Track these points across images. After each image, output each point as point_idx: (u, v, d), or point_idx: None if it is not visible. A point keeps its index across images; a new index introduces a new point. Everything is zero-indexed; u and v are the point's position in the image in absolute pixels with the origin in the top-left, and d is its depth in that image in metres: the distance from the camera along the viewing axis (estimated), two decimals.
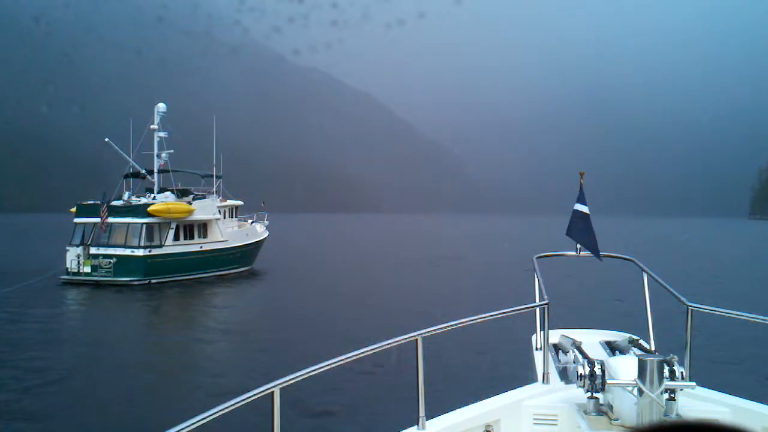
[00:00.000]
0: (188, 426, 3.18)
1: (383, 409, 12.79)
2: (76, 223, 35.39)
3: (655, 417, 4.06)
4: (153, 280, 33.99)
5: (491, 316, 5.31)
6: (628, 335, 6.32)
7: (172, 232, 35.60)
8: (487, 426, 4.78)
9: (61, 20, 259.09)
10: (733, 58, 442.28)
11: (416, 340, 4.57)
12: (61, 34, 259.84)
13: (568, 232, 6.59)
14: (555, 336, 6.18)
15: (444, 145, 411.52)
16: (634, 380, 4.11)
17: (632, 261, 6.71)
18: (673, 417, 4.16)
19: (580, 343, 6.04)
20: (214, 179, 41.67)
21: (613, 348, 5.98)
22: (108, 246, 34.03)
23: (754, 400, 4.91)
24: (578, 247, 6.60)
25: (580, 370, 4.39)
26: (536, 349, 6.01)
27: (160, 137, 38.45)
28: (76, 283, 33.52)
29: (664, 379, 4.11)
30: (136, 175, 38.72)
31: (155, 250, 34.58)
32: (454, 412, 4.83)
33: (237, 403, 3.47)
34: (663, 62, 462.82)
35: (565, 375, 5.47)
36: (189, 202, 37.17)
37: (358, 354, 4.24)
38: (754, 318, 5.54)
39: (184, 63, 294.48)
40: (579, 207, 6.56)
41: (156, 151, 38.44)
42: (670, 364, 4.24)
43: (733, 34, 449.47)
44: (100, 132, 37.86)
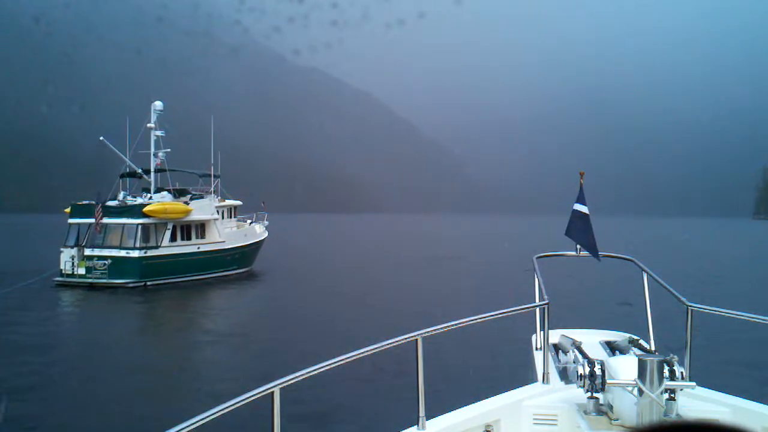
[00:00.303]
0: (188, 426, 3.18)
1: (383, 409, 12.79)
2: (70, 224, 34.89)
3: (655, 417, 4.06)
4: (149, 282, 33.40)
5: (491, 316, 5.32)
6: (628, 335, 6.33)
7: (168, 233, 35.06)
8: (487, 426, 4.78)
9: (61, 20, 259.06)
10: (733, 57, 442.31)
11: (416, 340, 4.57)
12: (61, 34, 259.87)
13: (568, 232, 6.59)
14: (555, 336, 6.18)
15: (444, 145, 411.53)
16: (634, 380, 4.12)
17: (632, 261, 6.72)
18: (673, 417, 4.16)
19: (580, 343, 6.05)
20: (212, 179, 41.23)
21: (613, 348, 5.99)
22: (103, 247, 33.49)
23: (754, 400, 4.92)
24: (578, 247, 6.61)
25: (580, 370, 4.39)
26: (536, 349, 6.01)
27: (157, 136, 37.99)
28: (70, 285, 32.97)
29: (664, 379, 4.11)
30: (133, 175, 38.20)
31: (151, 252, 34.02)
32: (454, 412, 4.83)
33: (237, 403, 3.48)
34: (663, 62, 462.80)
35: (565, 375, 5.47)
36: (186, 202, 36.67)
37: (358, 354, 4.25)
38: (754, 318, 5.55)
39: (184, 63, 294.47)
40: (578, 207, 6.56)
41: (153, 150, 37.98)
42: (670, 364, 4.25)
43: (734, 34, 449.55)
44: (101, 132, 37.59)
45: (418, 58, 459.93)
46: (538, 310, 5.97)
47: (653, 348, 5.96)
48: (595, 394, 4.44)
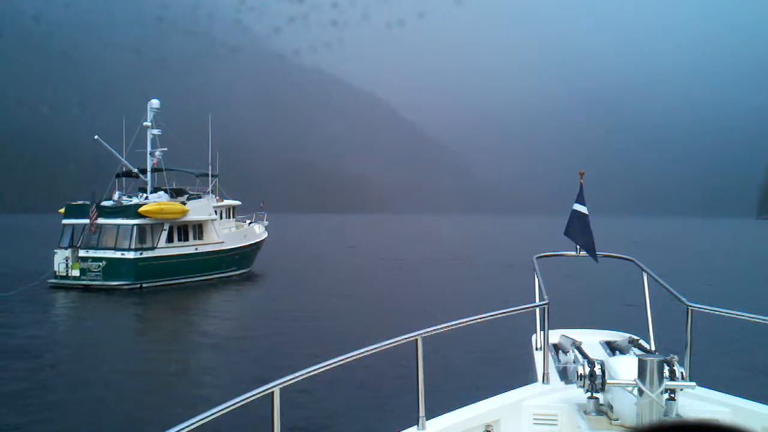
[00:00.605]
0: (188, 426, 3.19)
1: (383, 409, 12.79)
2: (64, 225, 34.33)
3: (655, 417, 4.07)
4: (144, 284, 32.82)
5: (491, 316, 5.33)
6: (628, 335, 6.34)
7: (165, 234, 34.46)
8: (487, 426, 4.79)
9: (61, 20, 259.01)
10: (736, 56, 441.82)
11: (416, 340, 4.58)
12: (61, 34, 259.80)
13: (567, 233, 6.60)
14: (555, 336, 6.19)
15: (447, 145, 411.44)
16: (634, 380, 4.13)
17: (632, 261, 6.72)
18: (673, 417, 4.17)
19: (580, 343, 6.06)
20: (210, 178, 40.61)
21: (613, 348, 6.00)
22: (98, 248, 32.84)
23: (754, 400, 4.92)
24: (578, 247, 6.62)
25: (580, 370, 4.40)
26: (536, 349, 6.02)
27: (154, 134, 37.39)
28: (64, 287, 32.37)
29: (664, 379, 4.12)
30: (129, 174, 37.66)
31: (147, 253, 33.43)
32: (454, 412, 4.84)
33: (237, 403, 3.49)
34: (664, 61, 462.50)
35: (565, 375, 5.48)
36: (183, 202, 36.12)
37: (358, 354, 4.26)
38: (754, 318, 5.56)
39: (184, 63, 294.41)
40: (578, 207, 6.58)
41: (149, 149, 37.35)
42: (670, 364, 4.26)
43: (735, 32, 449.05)
44: (99, 131, 37.22)
45: (419, 58, 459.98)
46: (538, 310, 5.98)
47: (653, 348, 5.96)
48: (595, 394, 4.45)
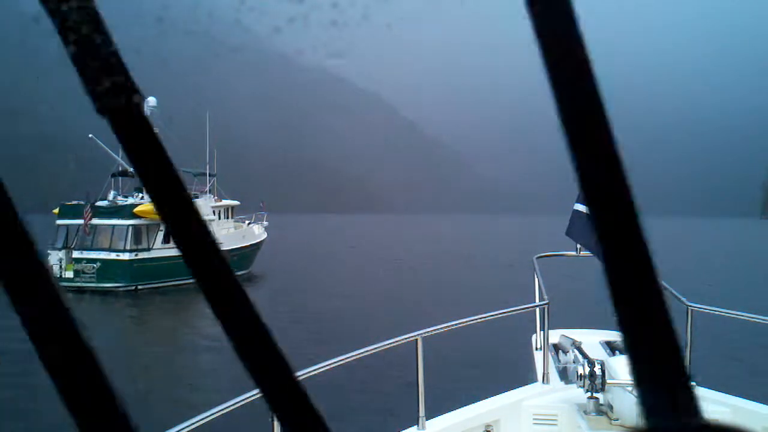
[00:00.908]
0: (188, 426, 3.19)
1: (383, 409, 12.79)
2: (58, 225, 33.77)
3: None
4: (140, 286, 32.34)
5: (491, 316, 5.34)
6: None
7: (161, 235, 33.84)
8: (487, 426, 4.80)
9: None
10: (736, 55, 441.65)
11: (416, 340, 4.58)
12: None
13: (568, 232, 6.61)
14: (555, 336, 6.20)
15: (449, 144, 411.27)
16: None
17: None
18: None
19: (580, 343, 6.06)
20: (207, 178, 40.11)
21: (613, 348, 6.00)
22: (92, 249, 32.32)
23: (754, 400, 4.92)
24: (578, 247, 6.63)
25: (580, 370, 4.41)
26: (536, 349, 6.03)
27: None
28: None
29: None
30: (125, 174, 37.10)
31: (142, 254, 32.98)
32: (454, 412, 4.85)
33: (237, 403, 3.49)
34: (666, 60, 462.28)
35: (565, 375, 5.49)
36: None
37: (358, 354, 4.26)
38: (754, 318, 5.57)
39: (184, 63, 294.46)
40: (579, 207, 6.59)
41: None
42: None
43: (737, 32, 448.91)
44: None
45: (419, 58, 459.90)
46: (538, 310, 5.99)
47: None
48: (595, 394, 4.45)
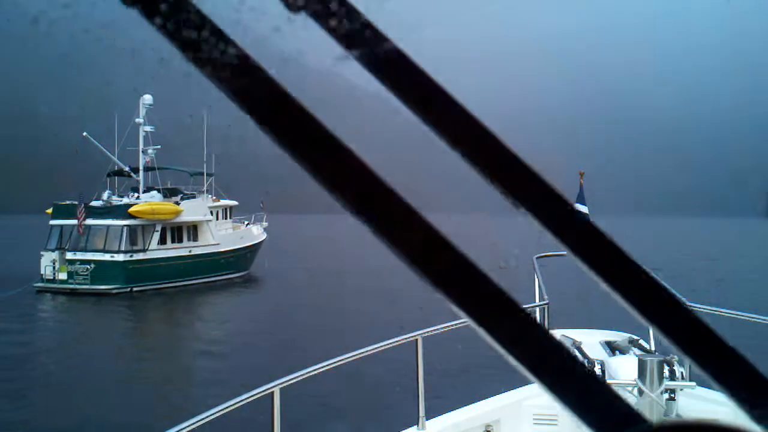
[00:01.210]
0: (188, 426, 3.19)
1: (383, 409, 12.78)
2: (52, 226, 33.20)
3: (655, 417, 4.06)
4: (135, 289, 31.69)
5: None
6: (628, 335, 6.34)
7: (157, 235, 33.36)
8: (487, 426, 4.80)
9: (60, 21, 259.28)
10: (741, 54, 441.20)
11: (416, 340, 4.58)
12: (61, 35, 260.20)
13: None
14: (555, 336, 6.18)
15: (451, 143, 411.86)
16: (634, 380, 4.13)
17: None
18: (673, 417, 4.16)
19: (580, 343, 6.05)
20: (205, 177, 39.22)
21: (613, 348, 6.00)
22: (86, 251, 31.61)
23: None
24: None
25: None
26: None
27: (146, 132, 36.07)
28: (50, 291, 31.15)
29: (664, 379, 4.11)
30: (120, 173, 36.51)
31: (137, 255, 32.31)
32: (454, 412, 4.85)
33: (237, 403, 3.49)
34: (669, 59, 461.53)
35: None
36: (177, 202, 34.91)
37: (358, 354, 4.26)
38: (754, 318, 5.57)
39: (184, 63, 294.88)
40: (579, 207, 6.59)
41: (141, 147, 36.02)
42: (670, 364, 4.26)
43: (736, 29, 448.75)
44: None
45: (420, 57, 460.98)
46: (538, 310, 5.99)
47: (653, 348, 5.96)
48: None
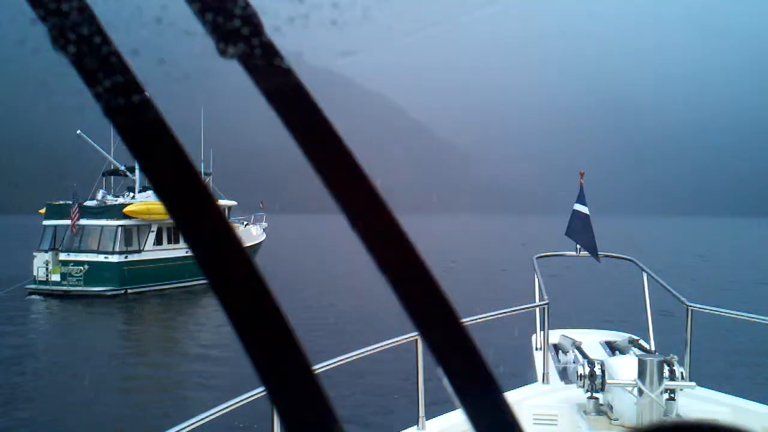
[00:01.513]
0: (188, 426, 3.19)
1: (383, 409, 12.79)
2: (45, 226, 32.64)
3: (655, 417, 4.08)
4: (129, 290, 31.17)
5: (491, 316, 5.35)
6: (628, 335, 6.37)
7: (152, 236, 32.91)
8: None
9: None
10: (744, 52, 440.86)
11: (416, 340, 4.58)
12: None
13: (568, 233, 6.65)
14: (555, 336, 6.22)
15: (457, 144, 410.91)
16: (634, 380, 4.15)
17: (632, 261, 6.74)
18: (673, 417, 4.17)
19: (580, 343, 6.08)
20: (202, 177, 39.55)
21: (613, 348, 6.03)
22: (79, 251, 31.04)
23: (754, 400, 4.93)
24: (578, 247, 6.69)
25: (580, 370, 4.43)
26: (536, 349, 6.05)
27: None
28: (43, 293, 30.50)
29: (664, 379, 4.13)
30: (116, 173, 36.03)
31: (132, 256, 31.78)
32: (454, 412, 4.83)
33: (237, 403, 3.49)
34: (673, 57, 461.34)
35: (565, 375, 5.51)
36: None
37: (358, 354, 4.26)
38: (754, 318, 5.58)
39: (184, 63, 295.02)
40: (579, 207, 6.64)
41: None
42: (670, 364, 4.28)
43: (733, 31, 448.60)
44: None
45: (425, 58, 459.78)
46: (538, 310, 6.01)
47: (653, 348, 5.98)
48: (595, 394, 4.48)
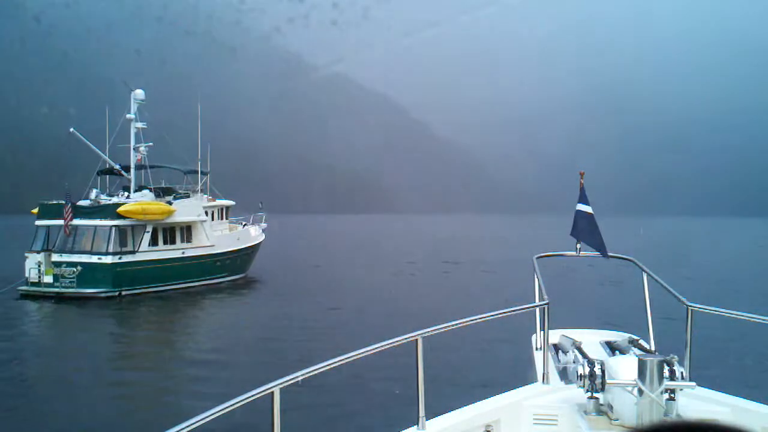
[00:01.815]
0: (188, 426, 3.20)
1: (383, 409, 12.80)
2: (38, 226, 32.31)
3: (655, 417, 4.09)
4: (124, 292, 30.76)
5: (491, 316, 5.37)
6: (628, 335, 6.39)
7: (148, 236, 32.40)
8: (487, 426, 4.82)
9: (60, 20, 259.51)
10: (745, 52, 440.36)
11: (416, 340, 4.60)
12: (61, 34, 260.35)
13: (573, 233, 6.67)
14: (555, 336, 6.23)
15: (460, 144, 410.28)
16: (634, 380, 4.16)
17: (632, 261, 6.76)
18: (673, 417, 4.18)
19: (580, 343, 6.09)
20: (199, 176, 37.80)
21: (613, 348, 6.04)
22: (72, 252, 30.65)
23: (754, 400, 4.95)
24: (578, 247, 6.70)
25: (580, 370, 4.44)
26: (536, 349, 6.07)
27: (138, 128, 35.00)
28: (35, 295, 30.12)
29: (664, 379, 4.14)
30: (111, 172, 35.59)
31: (127, 257, 31.33)
32: (454, 412, 4.87)
33: (237, 403, 3.50)
34: (678, 56, 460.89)
35: (565, 375, 5.52)
36: (169, 202, 33.94)
37: (358, 354, 4.28)
38: (754, 318, 5.60)
39: (185, 63, 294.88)
40: (581, 207, 6.67)
41: (133, 144, 34.95)
42: (670, 364, 4.30)
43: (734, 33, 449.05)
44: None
45: (425, 57, 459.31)
46: (538, 310, 6.02)
47: (653, 348, 6.00)
48: (595, 394, 4.49)
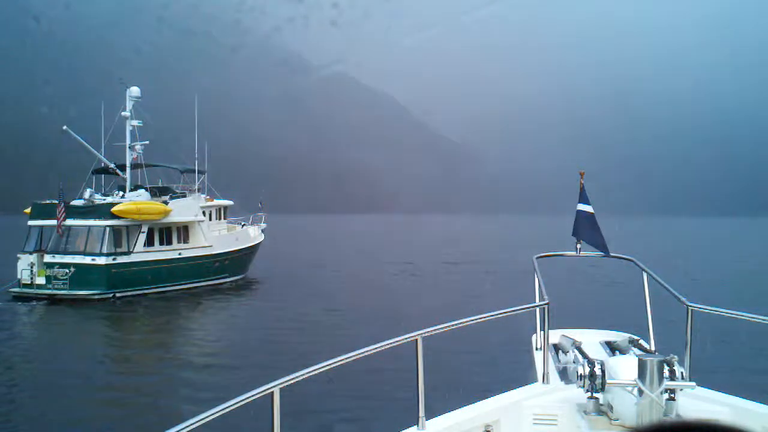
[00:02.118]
0: (188, 426, 3.20)
1: (383, 409, 12.80)
2: (30, 226, 31.87)
3: (655, 417, 4.10)
4: (118, 294, 30.23)
5: (491, 316, 5.37)
6: (628, 335, 6.40)
7: (143, 237, 31.94)
8: (487, 426, 4.83)
9: (61, 20, 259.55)
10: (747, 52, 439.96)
11: (416, 340, 4.60)
12: (62, 34, 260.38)
13: (575, 233, 6.68)
14: (555, 336, 6.24)
15: (461, 144, 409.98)
16: (634, 380, 4.16)
17: (632, 261, 6.76)
18: (673, 417, 4.18)
19: (580, 343, 6.10)
20: (197, 175, 37.30)
21: (613, 348, 6.06)
22: (66, 253, 30.16)
23: (754, 400, 4.95)
24: (578, 247, 6.72)
25: (580, 370, 4.45)
26: (536, 349, 6.09)
27: (134, 126, 34.61)
28: (26, 297, 29.60)
29: (664, 379, 4.14)
30: (106, 171, 35.22)
31: (121, 258, 30.84)
32: (454, 412, 4.87)
33: (237, 403, 3.51)
34: (681, 54, 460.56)
35: (565, 375, 5.53)
36: (165, 202, 33.44)
37: (358, 354, 4.28)
38: (754, 318, 5.61)
39: (185, 63, 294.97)
40: (582, 207, 6.68)
41: (128, 143, 34.51)
42: (670, 364, 4.30)
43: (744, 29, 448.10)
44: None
45: (427, 56, 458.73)
46: (538, 310, 6.03)
47: (653, 348, 6.01)
48: (595, 394, 4.50)
